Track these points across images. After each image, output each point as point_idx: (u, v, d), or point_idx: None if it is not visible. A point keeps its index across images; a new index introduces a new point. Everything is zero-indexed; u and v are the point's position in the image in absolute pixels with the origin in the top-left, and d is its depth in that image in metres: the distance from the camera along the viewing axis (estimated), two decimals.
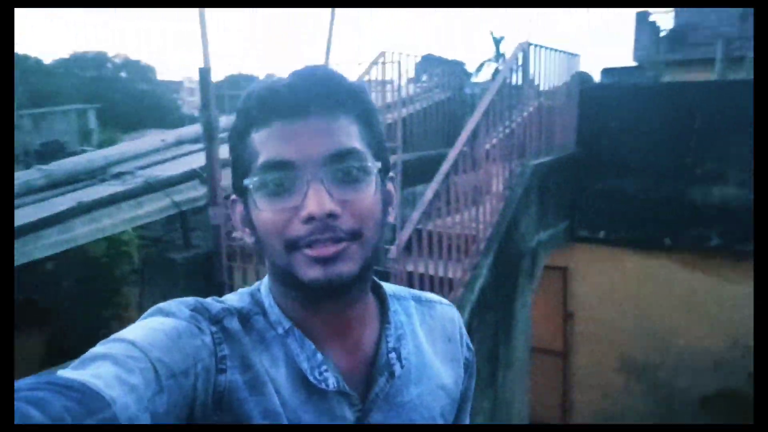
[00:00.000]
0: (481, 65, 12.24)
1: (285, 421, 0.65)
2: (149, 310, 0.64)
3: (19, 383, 0.46)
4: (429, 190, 3.33)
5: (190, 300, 0.65)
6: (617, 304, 5.17)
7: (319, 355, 0.67)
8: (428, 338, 0.79)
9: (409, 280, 3.21)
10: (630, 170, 4.90)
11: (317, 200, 0.59)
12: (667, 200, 4.74)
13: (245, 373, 0.63)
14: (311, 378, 0.66)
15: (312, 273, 0.61)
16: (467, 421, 0.89)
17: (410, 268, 3.27)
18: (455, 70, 7.53)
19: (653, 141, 4.81)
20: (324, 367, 0.67)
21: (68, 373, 0.50)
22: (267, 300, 0.70)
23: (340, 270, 0.61)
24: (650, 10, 11.54)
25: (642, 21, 11.71)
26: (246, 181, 0.63)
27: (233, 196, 0.70)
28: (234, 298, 0.71)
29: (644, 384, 5.23)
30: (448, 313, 0.84)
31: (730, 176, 4.53)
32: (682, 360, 4.98)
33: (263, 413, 0.64)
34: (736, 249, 4.52)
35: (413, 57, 5.73)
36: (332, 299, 0.66)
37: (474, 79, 10.70)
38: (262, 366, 0.65)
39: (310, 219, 0.59)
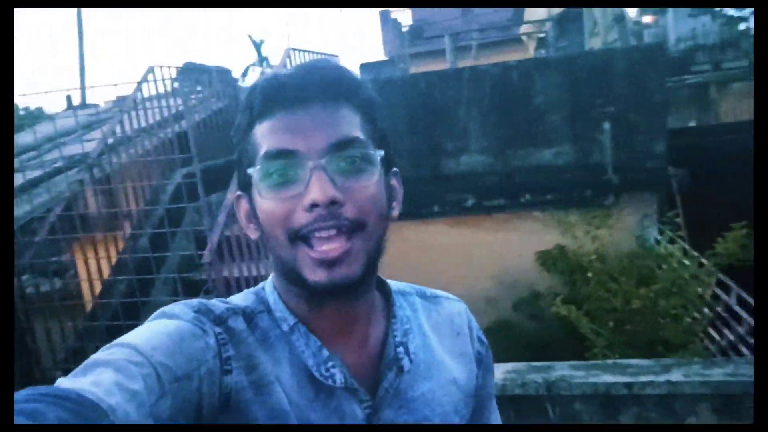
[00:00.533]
0: (246, 70, 12.41)
1: (293, 421, 0.64)
2: (154, 314, 0.63)
3: (16, 394, 0.45)
4: (229, 195, 3.54)
5: (194, 302, 0.65)
6: (402, 269, 5.93)
7: (325, 351, 0.66)
8: (435, 333, 0.77)
9: (227, 286, 3.40)
10: (396, 153, 5.64)
11: (320, 187, 0.59)
12: (429, 174, 5.59)
13: (251, 373, 0.63)
14: (317, 374, 0.65)
15: (315, 276, 0.61)
16: (498, 421, 0.86)
17: (225, 273, 3.46)
18: (224, 77, 7.60)
19: (409, 126, 5.61)
20: (330, 363, 0.66)
21: (67, 382, 0.50)
22: (272, 297, 0.70)
23: (345, 272, 0.61)
24: (391, 9, 12.87)
25: (386, 19, 13.01)
26: (249, 170, 0.63)
27: (238, 193, 0.70)
28: (238, 298, 0.71)
29: None
30: (455, 307, 0.82)
31: (472, 147, 5.53)
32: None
33: (270, 413, 0.63)
34: (485, 205, 5.56)
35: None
36: (337, 298, 0.65)
37: (241, 84, 10.80)
38: (267, 365, 0.64)
39: (313, 206, 0.59)
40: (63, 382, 0.49)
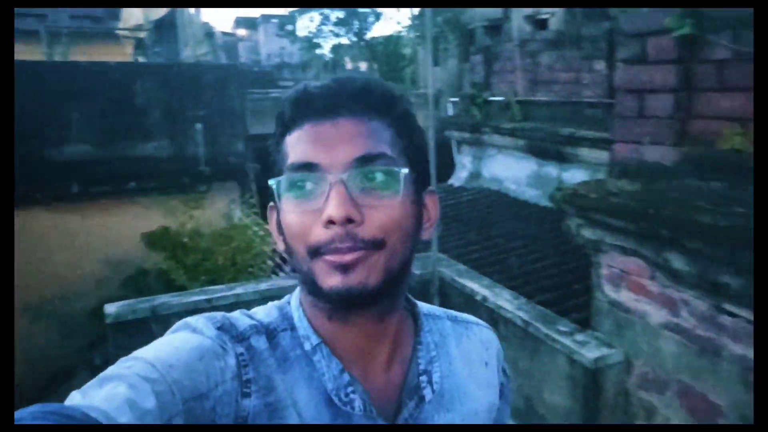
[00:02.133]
0: None
1: None
2: (177, 324, 0.63)
3: (21, 412, 0.44)
4: None
5: (218, 316, 0.63)
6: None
7: (346, 376, 0.64)
8: (464, 361, 0.74)
9: None
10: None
11: (337, 203, 0.57)
12: (29, 162, 5.68)
13: (268, 395, 0.61)
14: (336, 399, 0.63)
15: (331, 281, 0.59)
16: None
17: None
18: None
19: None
20: (351, 389, 0.64)
21: (78, 396, 0.49)
22: (297, 313, 0.68)
23: (359, 278, 0.58)
24: None
25: None
26: (271, 181, 0.62)
27: (270, 204, 0.68)
28: (263, 312, 0.69)
29: (45, 320, 6.17)
30: (485, 335, 0.80)
31: (76, 137, 5.87)
32: (73, 287, 6.18)
33: None
34: (91, 192, 5.97)
35: None
36: (356, 311, 0.63)
37: None
38: (285, 387, 0.62)
39: (329, 223, 0.57)
40: (75, 396, 0.49)
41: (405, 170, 0.61)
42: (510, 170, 5.64)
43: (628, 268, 2.19)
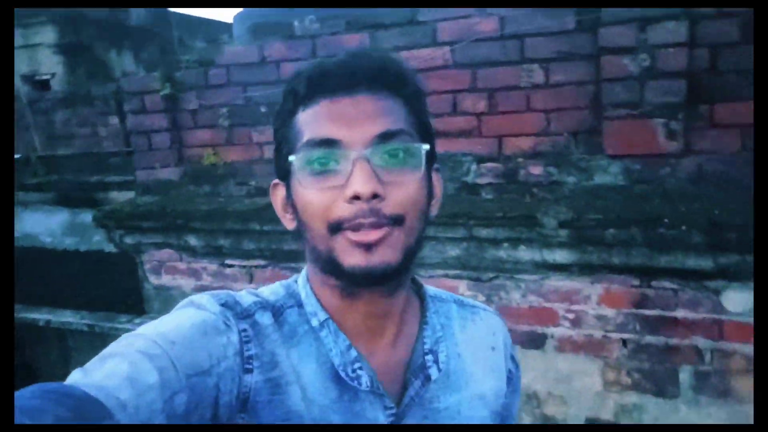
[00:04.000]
0: None
1: (308, 422, 0.62)
2: (182, 302, 0.63)
3: (22, 391, 0.44)
4: None
5: (222, 293, 0.64)
6: None
7: (354, 351, 0.65)
8: (469, 345, 0.75)
9: None
10: None
11: (363, 179, 0.57)
12: None
13: (271, 370, 0.61)
14: (343, 374, 0.64)
15: (353, 259, 0.59)
16: None
17: None
18: None
19: None
20: (358, 365, 0.64)
21: (79, 375, 0.50)
22: (304, 290, 0.68)
23: (382, 257, 0.59)
24: None
25: None
26: (291, 158, 0.61)
27: (275, 181, 0.68)
28: (269, 291, 0.70)
29: None
30: (492, 320, 0.79)
31: None
32: None
33: (285, 415, 0.61)
34: None
35: None
36: (372, 287, 0.63)
37: None
38: (290, 363, 0.63)
39: (354, 198, 0.58)
40: (76, 375, 0.49)
41: (426, 146, 0.62)
42: (42, 224, 5.72)
43: (163, 257, 3.00)
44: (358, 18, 2.56)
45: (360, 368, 0.64)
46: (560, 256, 2.13)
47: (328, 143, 0.60)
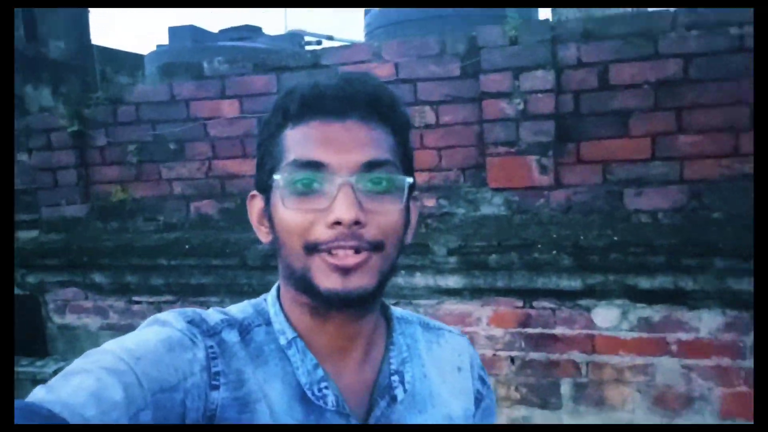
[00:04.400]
0: None
1: None
2: (147, 320, 0.62)
3: None
4: None
5: (189, 311, 0.64)
6: None
7: (320, 371, 0.65)
8: (435, 366, 0.75)
9: None
10: None
11: (346, 206, 0.58)
12: None
13: (238, 389, 0.61)
14: (309, 394, 0.64)
15: (330, 283, 0.60)
16: None
17: None
18: None
19: None
20: (324, 384, 0.65)
21: (42, 392, 0.49)
22: (273, 308, 0.68)
23: (360, 282, 0.60)
24: None
25: None
26: (276, 176, 0.61)
27: (253, 192, 0.68)
28: (237, 309, 0.70)
29: None
30: (457, 342, 0.80)
31: None
32: None
33: None
34: None
35: None
36: (345, 310, 0.63)
37: None
38: (257, 382, 0.62)
39: (336, 224, 0.58)
40: (39, 392, 0.49)
41: (410, 180, 0.63)
42: None
43: (68, 296, 2.95)
44: (265, 60, 2.70)
45: (326, 387, 0.64)
46: (452, 281, 2.30)
47: (315, 165, 0.60)
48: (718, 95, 2.13)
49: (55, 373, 3.14)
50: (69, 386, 0.49)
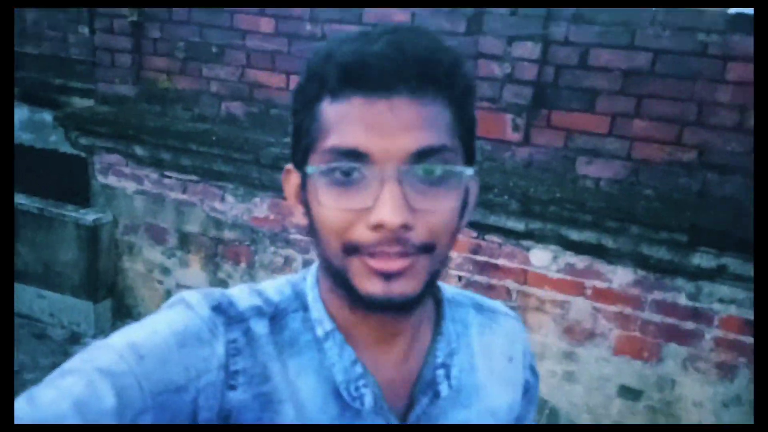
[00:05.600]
0: None
1: None
2: (173, 297, 0.59)
3: None
4: None
5: (217, 294, 0.59)
6: None
7: (359, 367, 0.60)
8: (485, 355, 0.69)
9: None
10: None
11: (392, 207, 0.50)
12: None
13: (262, 384, 0.57)
14: (344, 393, 0.59)
15: (371, 287, 0.53)
16: None
17: None
18: None
19: None
20: (362, 382, 0.59)
21: (22, 403, 0.46)
22: (312, 293, 0.63)
23: (403, 288, 0.53)
24: None
25: None
26: (310, 169, 0.55)
27: (288, 166, 0.61)
28: (273, 289, 0.63)
29: None
30: (512, 327, 0.74)
31: None
32: None
33: None
34: None
35: None
36: (387, 312, 0.57)
37: None
38: (285, 376, 0.58)
39: (379, 227, 0.51)
40: (20, 403, 0.46)
41: (469, 171, 0.55)
42: None
43: (112, 161, 3.52)
44: None
45: (364, 386, 0.59)
46: None
47: (356, 155, 0.52)
48: (675, 90, 2.47)
49: (94, 222, 3.83)
50: (53, 393, 0.47)
